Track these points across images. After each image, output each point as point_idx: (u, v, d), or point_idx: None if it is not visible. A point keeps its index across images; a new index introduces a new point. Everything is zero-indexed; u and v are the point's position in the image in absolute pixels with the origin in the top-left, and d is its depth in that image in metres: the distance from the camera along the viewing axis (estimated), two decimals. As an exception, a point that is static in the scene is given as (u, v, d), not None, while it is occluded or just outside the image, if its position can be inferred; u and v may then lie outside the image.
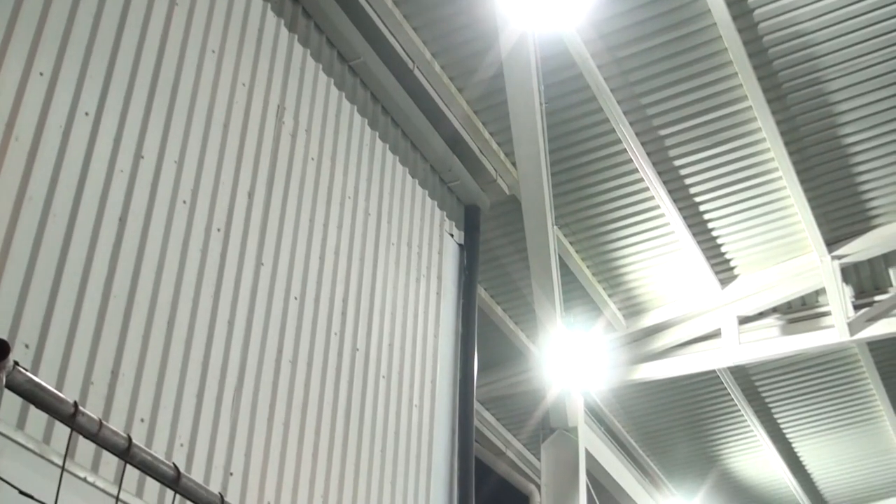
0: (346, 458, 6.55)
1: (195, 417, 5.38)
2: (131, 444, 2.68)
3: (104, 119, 5.26)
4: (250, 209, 6.20)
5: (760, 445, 13.27)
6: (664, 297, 10.83)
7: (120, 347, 5.01)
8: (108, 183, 5.18)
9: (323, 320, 6.64)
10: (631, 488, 12.04)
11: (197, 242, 5.69)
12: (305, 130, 6.93)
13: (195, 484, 2.87)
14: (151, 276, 5.31)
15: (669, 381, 11.68)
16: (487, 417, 11.94)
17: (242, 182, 6.18)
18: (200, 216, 5.77)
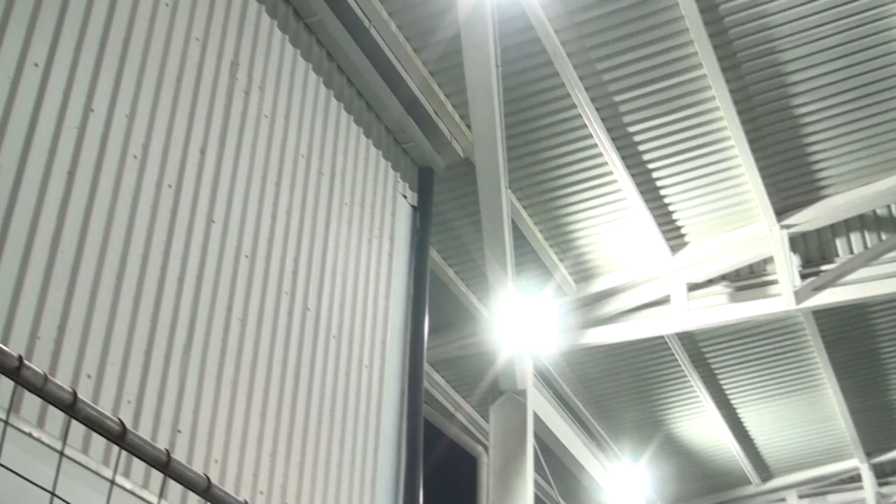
0: (295, 417, 6.54)
1: (143, 374, 5.35)
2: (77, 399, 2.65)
3: (54, 70, 5.18)
4: (202, 166, 6.14)
5: (705, 410, 13.45)
6: (615, 262, 10.90)
7: (67, 303, 4.96)
8: (56, 136, 5.11)
9: (274, 279, 6.61)
10: (578, 451, 12.18)
11: (147, 198, 5.63)
12: (259, 87, 6.86)
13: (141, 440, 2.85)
14: (100, 232, 5.25)
15: (618, 345, 11.78)
16: (437, 379, 11.99)
17: (194, 138, 6.12)
18: (151, 172, 5.70)
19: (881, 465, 15.37)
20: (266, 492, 6.10)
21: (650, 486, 14.90)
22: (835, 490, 15.82)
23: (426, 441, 8.09)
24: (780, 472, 15.44)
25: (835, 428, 14.28)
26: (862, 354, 12.72)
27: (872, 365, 12.98)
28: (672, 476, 14.94)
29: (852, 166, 10.06)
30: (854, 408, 13.57)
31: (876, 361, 12.92)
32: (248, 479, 5.96)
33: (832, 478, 15.50)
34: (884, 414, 14.12)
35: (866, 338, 12.45)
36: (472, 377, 11.92)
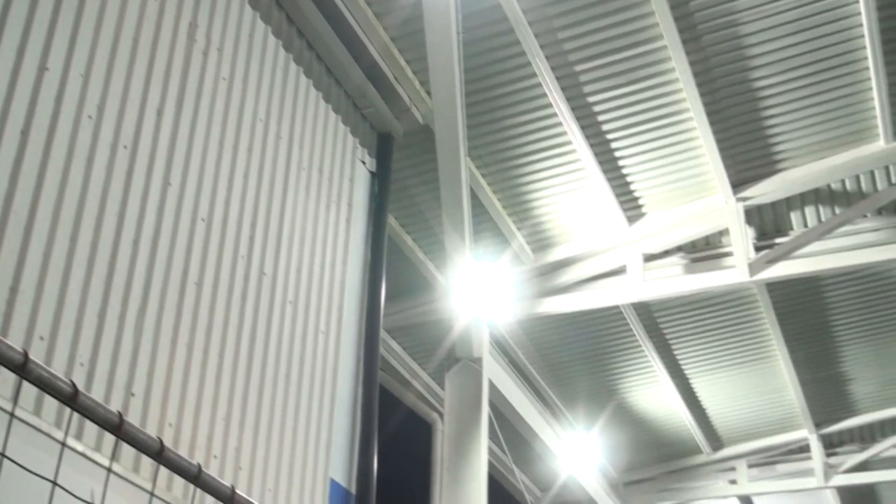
0: (250, 382, 6.53)
1: (97, 337, 5.30)
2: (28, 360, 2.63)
3: (7, 29, 5.08)
4: (158, 127, 6.07)
5: (659, 380, 13.58)
6: (572, 232, 10.94)
7: (20, 264, 4.90)
8: (10, 95, 5.02)
9: (230, 243, 6.57)
10: (532, 419, 12.27)
11: (102, 159, 5.56)
12: (217, 49, 6.79)
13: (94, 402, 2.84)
14: (54, 193, 5.18)
15: (574, 315, 11.84)
16: (394, 346, 12.00)
17: (151, 99, 6.05)
18: (106, 132, 5.63)
19: (829, 436, 15.63)
20: (220, 455, 6.09)
21: (603, 454, 15.07)
22: (784, 460, 16.07)
23: (381, 407, 8.10)
24: (731, 441, 15.65)
25: (785, 399, 14.48)
26: (813, 327, 12.89)
27: (823, 337, 13.16)
28: (624, 444, 15.10)
29: (809, 140, 10.15)
30: (804, 379, 13.76)
31: (827, 334, 13.10)
32: (203, 443, 5.95)
33: (781, 448, 15.74)
34: (833, 386, 14.35)
35: (818, 311, 12.61)
36: (429, 344, 11.95)
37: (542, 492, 15.23)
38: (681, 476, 16.03)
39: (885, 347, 13.53)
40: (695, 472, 16.00)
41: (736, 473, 15.90)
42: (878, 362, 13.89)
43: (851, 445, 16.00)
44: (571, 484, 14.11)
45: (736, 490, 16.08)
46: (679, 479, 16.07)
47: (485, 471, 9.90)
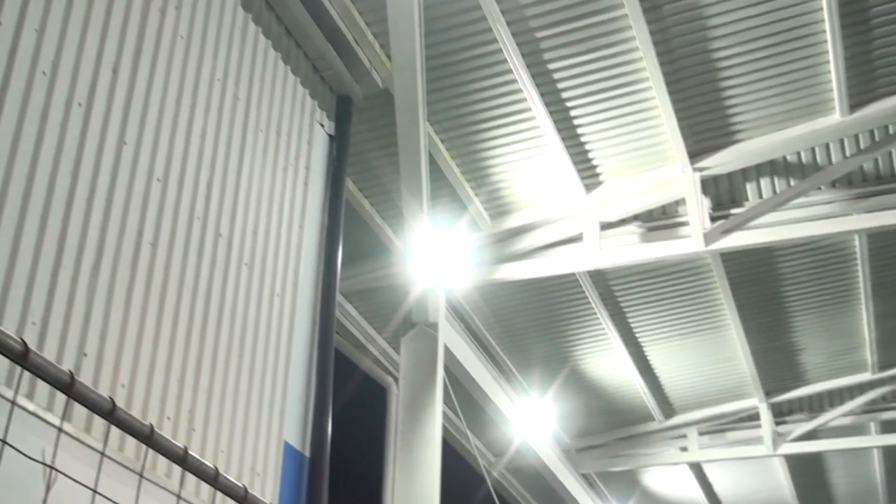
0: (204, 344, 6.50)
1: (49, 296, 5.24)
2: (-23, 318, 2.59)
3: (-41, -20, 4.98)
4: (114, 85, 5.99)
5: (613, 348, 13.68)
6: (530, 199, 10.95)
7: (-30, 221, 4.83)
8: (-39, 48, 4.93)
9: (186, 204, 6.51)
10: (486, 384, 12.32)
11: (56, 116, 5.48)
12: (175, 7, 6.70)
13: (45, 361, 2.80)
14: (6, 150, 5.10)
15: (530, 281, 11.87)
16: (350, 310, 11.98)
17: (107, 56, 5.96)
18: (61, 89, 5.55)
19: (779, 405, 15.85)
20: (173, 417, 6.06)
21: (556, 420, 15.18)
22: (734, 428, 16.30)
23: (337, 371, 8.10)
24: (683, 409, 15.82)
25: (736, 368, 14.65)
26: (765, 297, 13.03)
27: (775, 308, 13.31)
28: (578, 411, 15.22)
29: (765, 112, 10.21)
30: (755, 349, 13.93)
31: (778, 305, 13.25)
32: (156, 405, 5.92)
33: (732, 416, 15.95)
34: (784, 355, 14.53)
35: (770, 281, 12.75)
36: (385, 309, 11.96)
37: (495, 457, 15.33)
38: (632, 442, 16.20)
39: (834, 319, 13.72)
40: (646, 438, 16.17)
41: (687, 441, 16.09)
42: (828, 333, 14.08)
43: (800, 415, 16.25)
44: (525, 449, 14.21)
45: (686, 457, 16.28)
46: (631, 446, 16.24)
47: (439, 435, 9.93)
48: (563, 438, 15.94)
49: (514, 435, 13.94)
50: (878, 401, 15.91)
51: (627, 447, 16.28)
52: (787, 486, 18.32)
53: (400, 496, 9.68)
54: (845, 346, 14.50)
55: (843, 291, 13.10)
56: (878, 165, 10.86)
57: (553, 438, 15.36)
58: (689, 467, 17.30)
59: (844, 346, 14.51)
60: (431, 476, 9.69)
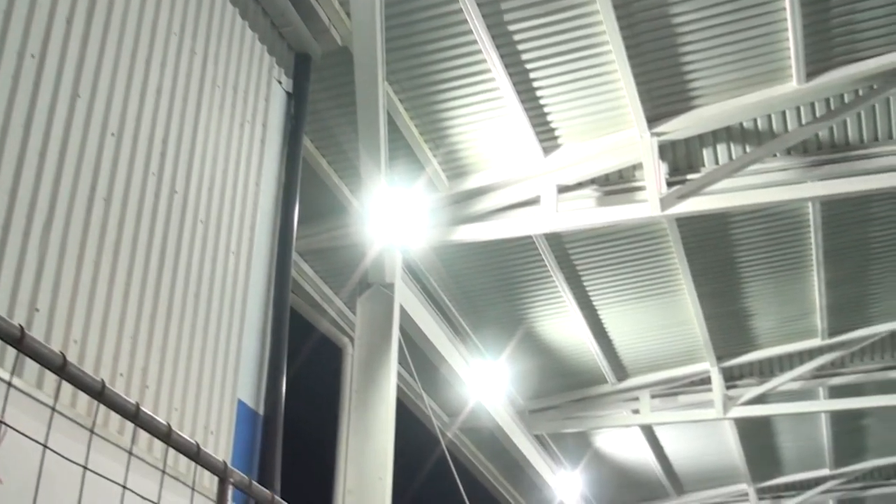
0: (158, 301, 6.45)
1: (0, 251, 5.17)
2: (-75, 270, 2.55)
3: None
4: (68, 37, 5.88)
5: (568, 310, 13.75)
6: (488, 160, 10.94)
7: (-81, 172, 4.74)
8: None
9: (140, 160, 6.43)
10: (442, 345, 12.36)
11: (8, 69, 5.38)
12: (131, -41, 6.58)
13: (-6, 315, 2.76)
14: (-44, 100, 5.01)
15: (487, 243, 11.89)
16: (306, 269, 11.94)
17: (61, 7, 5.84)
18: (13, 41, 5.44)
19: (730, 369, 16.05)
20: (126, 374, 6.02)
21: (510, 381, 15.27)
22: (685, 391, 16.49)
23: (292, 330, 8.07)
24: (635, 372, 15.97)
25: (689, 332, 14.80)
26: (719, 263, 13.15)
27: (728, 273, 13.44)
28: (532, 373, 15.32)
29: (723, 78, 10.25)
30: (708, 314, 14.07)
31: (732, 270, 13.37)
32: (108, 361, 5.88)
33: (683, 379, 16.13)
34: (735, 321, 14.70)
35: (724, 247, 12.86)
36: (341, 269, 11.91)
37: (449, 417, 15.41)
38: (585, 405, 16.35)
39: (786, 285, 13.87)
40: (599, 401, 16.32)
41: (639, 403, 16.26)
42: (779, 299, 14.25)
43: (750, 379, 16.47)
44: (479, 410, 14.29)
45: (638, 419, 16.46)
46: (584, 408, 16.38)
47: (393, 395, 9.96)
48: (517, 400, 16.04)
49: (468, 396, 14.01)
50: (827, 366, 16.17)
51: (580, 409, 16.42)
52: (737, 449, 18.60)
53: (354, 456, 9.71)
54: (796, 313, 14.68)
55: (796, 258, 13.25)
56: (833, 134, 10.95)
57: (507, 400, 15.47)
58: (640, 429, 17.51)
59: (795, 313, 14.69)
60: (385, 436, 9.73)
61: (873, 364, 16.39)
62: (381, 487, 9.48)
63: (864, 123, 10.83)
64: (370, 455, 9.64)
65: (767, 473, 20.44)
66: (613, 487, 20.05)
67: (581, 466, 18.39)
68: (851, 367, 16.43)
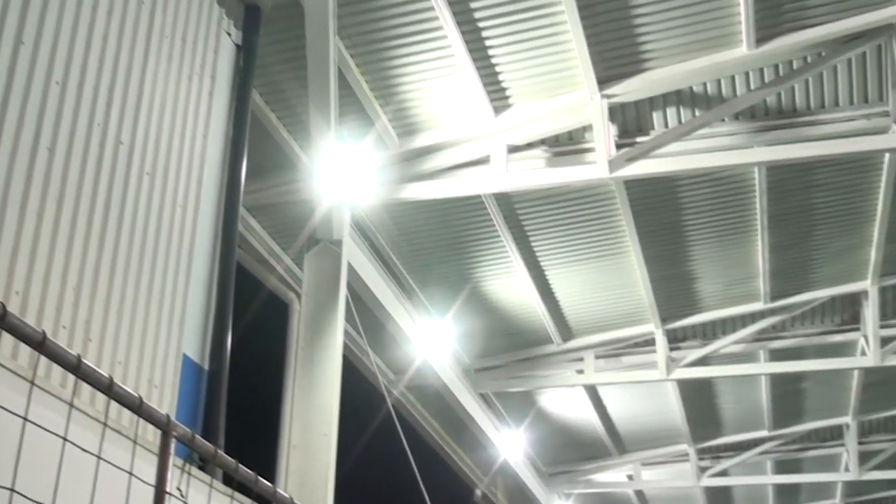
0: (103, 253, 6.36)
1: (-61, 198, 5.07)
2: None
3: None
4: (11, -18, 5.75)
5: (515, 270, 13.79)
6: (438, 118, 10.88)
7: None
8: None
9: (85, 109, 6.32)
10: (389, 303, 12.36)
11: (-52, 11, 5.25)
12: None
13: (-69, 263, 2.71)
14: None
15: (436, 202, 11.86)
16: (253, 225, 11.84)
17: (4, -49, 5.71)
18: (-46, -17, 5.31)
19: (674, 331, 16.23)
20: (69, 326, 5.95)
21: (457, 340, 15.32)
22: (629, 352, 16.64)
23: (238, 286, 8.02)
24: (581, 333, 16.09)
25: (635, 294, 14.92)
26: (666, 225, 13.25)
27: (675, 236, 13.55)
28: (478, 332, 15.37)
29: (675, 42, 10.26)
30: (654, 276, 14.18)
31: (678, 233, 13.49)
32: (51, 313, 5.80)
33: (628, 341, 16.29)
34: (681, 283, 14.84)
35: (671, 210, 12.95)
36: (289, 225, 11.82)
37: (395, 375, 15.44)
38: (531, 364, 16.45)
39: (731, 249, 14.02)
40: (544, 361, 16.43)
41: (583, 364, 16.39)
42: (724, 263, 14.41)
43: (693, 341, 16.66)
44: (425, 368, 14.34)
45: (582, 379, 16.60)
46: (529, 368, 16.49)
47: (339, 352, 9.96)
48: (463, 359, 16.11)
49: (414, 354, 14.04)
50: (769, 330, 16.40)
51: (526, 369, 16.52)
52: (678, 410, 18.85)
53: (299, 412, 9.71)
54: (740, 276, 14.86)
55: (741, 222, 13.38)
56: (781, 100, 11.03)
57: (453, 358, 15.52)
58: (584, 389, 17.65)
59: (739, 276, 14.86)
60: (331, 393, 9.74)
61: (813, 328, 16.65)
62: (326, 444, 9.49)
63: (811, 90, 10.92)
64: (315, 411, 9.65)
65: (707, 434, 20.75)
66: (556, 446, 20.26)
67: (525, 425, 18.56)
68: (792, 330, 16.68)
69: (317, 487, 9.31)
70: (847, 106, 11.06)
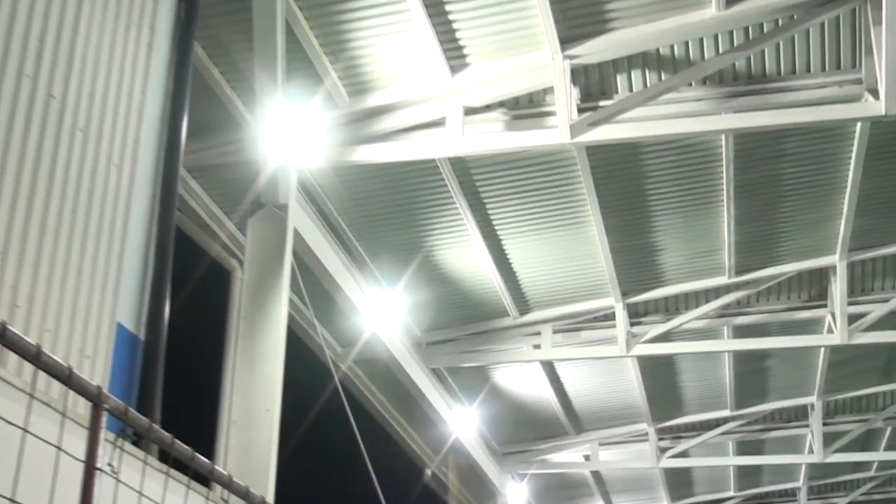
0: (32, 214, 6.28)
1: None
2: None
3: None
4: (-67, -80, 5.62)
5: (470, 239, 13.79)
6: (392, 77, 10.81)
7: None
8: None
9: (14, 60, 6.22)
10: (337, 271, 12.33)
11: None
12: None
13: None
14: None
15: (388, 165, 11.81)
16: (194, 187, 11.74)
17: None
18: None
19: (634, 306, 16.33)
20: (-6, 291, 5.87)
21: (408, 312, 15.32)
22: (588, 327, 16.72)
23: (177, 251, 7.99)
24: (538, 306, 16.15)
25: (594, 266, 14.98)
26: (628, 194, 13.30)
27: (637, 206, 13.61)
28: (430, 303, 15.37)
29: (642, 0, 10.26)
30: (615, 247, 14.25)
31: (641, 203, 13.55)
32: (-26, 277, 5.72)
33: (587, 315, 16.37)
34: (642, 255, 14.92)
35: (634, 178, 13.00)
36: (232, 187, 11.72)
37: (343, 348, 15.42)
38: (485, 338, 16.49)
39: (695, 220, 14.12)
40: (500, 335, 16.47)
41: (540, 338, 16.44)
42: (688, 235, 14.51)
43: (655, 316, 16.78)
44: (374, 341, 14.33)
45: (539, 355, 16.67)
46: (483, 342, 16.53)
47: (284, 323, 9.93)
48: (414, 331, 16.11)
49: (363, 326, 14.03)
50: (733, 305, 16.55)
51: (479, 343, 16.56)
52: (638, 388, 19.00)
53: (240, 386, 9.68)
54: (704, 249, 14.97)
55: (706, 193, 13.47)
56: (751, 64, 11.08)
57: (403, 331, 15.53)
58: (541, 365, 17.71)
59: (703, 249, 14.98)
60: (274, 366, 9.72)
61: (779, 304, 16.82)
62: (268, 419, 9.48)
63: (782, 55, 10.98)
64: (258, 385, 9.62)
65: (668, 413, 20.95)
66: (511, 425, 20.36)
67: (478, 402, 18.60)
68: (757, 306, 16.83)
69: (258, 465, 9.29)
70: (819, 72, 11.13)
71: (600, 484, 24.46)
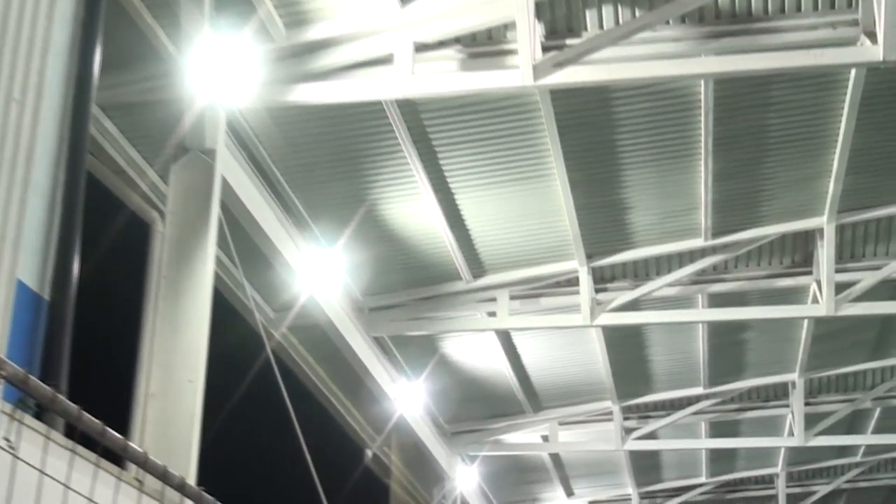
0: (-80, 153, 6.13)
1: None
2: None
3: None
4: None
5: (419, 192, 13.73)
6: (333, 7, 10.68)
7: None
8: None
9: None
10: (269, 226, 12.28)
11: None
12: None
13: None
14: None
15: (329, 107, 11.71)
16: (109, 127, 11.59)
17: None
18: None
19: (601, 270, 16.38)
20: None
21: (348, 273, 15.26)
22: (549, 293, 16.75)
23: (89, 200, 7.92)
24: (494, 269, 16.15)
25: (557, 225, 14.98)
26: (596, 145, 13.31)
27: (605, 158, 13.63)
28: (374, 264, 15.33)
29: (615, -73, 10.23)
30: (580, 204, 14.25)
31: (610, 154, 13.56)
32: None
33: (548, 279, 16.39)
34: (611, 213, 14.95)
35: (603, 127, 13.01)
36: (153, 129, 11.56)
37: (276, 312, 15.37)
38: (435, 304, 16.47)
39: (669, 175, 14.16)
40: (451, 300, 16.46)
41: (496, 305, 16.45)
42: (661, 192, 14.55)
43: (623, 282, 16.85)
44: (310, 305, 14.29)
45: (494, 323, 16.69)
46: (433, 308, 16.51)
47: (210, 283, 9.91)
48: (356, 295, 16.07)
49: (298, 288, 13.98)
50: (709, 271, 16.65)
51: (429, 309, 16.55)
52: (603, 362, 19.10)
53: (160, 354, 9.65)
54: (678, 208, 15.03)
55: (682, 145, 13.51)
56: (735, 2, 11.07)
57: (344, 295, 15.49)
58: (496, 335, 17.75)
59: (677, 208, 15.04)
60: (198, 332, 9.70)
61: (760, 270, 16.95)
62: (190, 391, 9.46)
63: (770, -8, 11.01)
64: (179, 353, 9.59)
65: (635, 390, 21.12)
66: (461, 401, 20.43)
67: (425, 375, 18.63)
68: (735, 272, 16.95)
69: (178, 442, 9.26)
70: (810, 12, 11.14)
71: (559, 467, 24.67)
